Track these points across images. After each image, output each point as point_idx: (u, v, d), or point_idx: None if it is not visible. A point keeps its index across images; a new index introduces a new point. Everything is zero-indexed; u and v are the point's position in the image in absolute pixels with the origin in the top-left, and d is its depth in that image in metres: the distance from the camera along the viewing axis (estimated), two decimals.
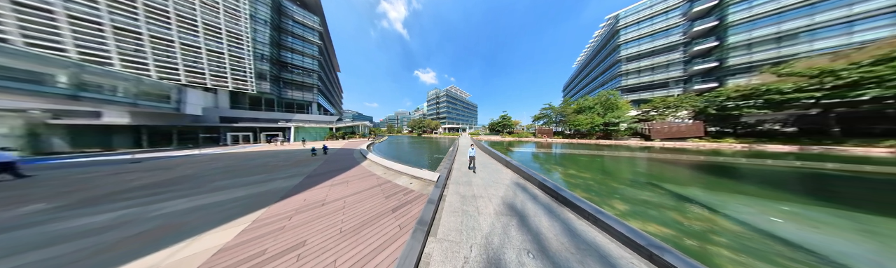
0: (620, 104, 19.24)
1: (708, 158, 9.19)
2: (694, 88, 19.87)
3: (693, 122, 16.20)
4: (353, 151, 11.76)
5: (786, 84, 11.87)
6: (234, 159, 8.79)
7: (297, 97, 24.55)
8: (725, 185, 5.22)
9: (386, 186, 4.28)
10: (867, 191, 4.80)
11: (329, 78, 33.53)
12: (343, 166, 6.92)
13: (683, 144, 15.49)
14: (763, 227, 3.00)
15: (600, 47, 29.78)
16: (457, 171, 5.87)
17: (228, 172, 6.00)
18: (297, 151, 12.32)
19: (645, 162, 8.86)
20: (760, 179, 5.75)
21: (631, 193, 4.76)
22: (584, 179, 6.33)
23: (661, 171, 6.96)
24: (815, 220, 3.31)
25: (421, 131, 52.40)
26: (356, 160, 8.14)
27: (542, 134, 24.25)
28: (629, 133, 18.75)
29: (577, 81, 38.92)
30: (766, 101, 12.64)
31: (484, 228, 2.37)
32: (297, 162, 7.95)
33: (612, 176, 6.49)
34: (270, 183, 4.55)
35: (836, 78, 10.46)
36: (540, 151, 14.92)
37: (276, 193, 3.82)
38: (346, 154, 10.27)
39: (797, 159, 8.68)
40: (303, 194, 3.72)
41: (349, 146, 14.97)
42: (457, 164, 7.01)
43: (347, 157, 9.25)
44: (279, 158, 9.29)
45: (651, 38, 22.71)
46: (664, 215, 3.56)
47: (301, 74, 24.76)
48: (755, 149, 12.54)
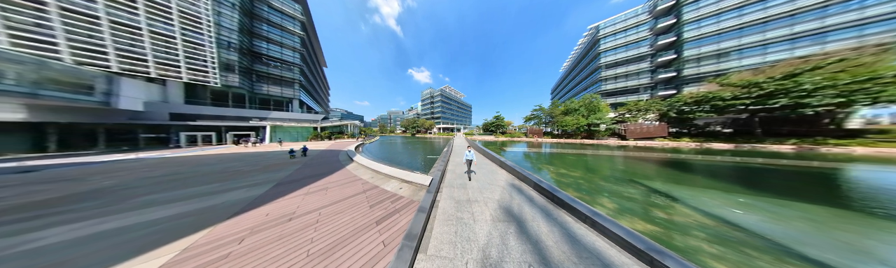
0: (601, 107, 20.60)
1: (673, 156, 10.14)
2: (659, 94, 22.23)
3: (659, 123, 18.04)
4: (339, 152, 10.28)
5: (725, 92, 13.82)
6: (183, 165, 6.91)
7: (274, 93, 21.36)
8: (691, 180, 5.74)
9: (372, 192, 3.73)
10: (788, 181, 5.59)
11: (314, 73, 30.15)
12: (324, 171, 5.99)
13: (652, 143, 17.05)
14: (730, 218, 3.27)
15: (583, 54, 31.79)
16: (451, 173, 5.45)
17: (169, 181, 4.67)
18: (271, 153, 10.34)
19: (624, 160, 9.25)
20: (716, 174, 6.51)
21: (616, 191, 4.89)
22: (574, 178, 6.33)
23: (639, 168, 7.44)
24: (765, 209, 3.67)
25: (415, 131, 50.54)
26: (341, 163, 7.19)
27: (533, 134, 24.91)
28: (608, 133, 20.23)
29: (563, 84, 41.00)
30: (711, 106, 14.59)
31: (480, 238, 2.15)
32: (267, 167, 6.66)
33: (599, 174, 6.74)
34: (224, 195, 3.65)
35: (759, 89, 12.53)
36: (532, 150, 14.89)
37: (230, 207, 3.07)
38: (330, 156, 8.95)
39: (734, 155, 10.12)
40: (266, 207, 3.04)
41: (335, 147, 13.24)
42: (451, 165, 6.56)
43: (331, 159, 8.12)
44: (246, 162, 7.59)
45: (625, 49, 24.75)
46: (646, 210, 3.75)
47: (280, 67, 21.61)
48: (704, 147, 14.55)
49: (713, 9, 19.87)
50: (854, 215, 3.52)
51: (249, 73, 19.58)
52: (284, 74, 21.74)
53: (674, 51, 21.71)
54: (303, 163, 7.36)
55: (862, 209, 3.72)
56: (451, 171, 5.70)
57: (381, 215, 2.69)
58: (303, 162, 7.54)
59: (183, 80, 14.48)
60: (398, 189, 3.90)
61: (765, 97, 12.45)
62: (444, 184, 4.25)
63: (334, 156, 9.14)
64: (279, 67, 21.58)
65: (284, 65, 21.85)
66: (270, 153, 10.31)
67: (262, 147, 14.04)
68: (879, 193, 4.61)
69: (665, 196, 4.34)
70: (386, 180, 4.62)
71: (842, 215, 3.49)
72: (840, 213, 3.58)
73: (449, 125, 57.81)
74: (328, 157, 8.86)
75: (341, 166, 6.57)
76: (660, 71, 22.52)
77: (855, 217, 3.46)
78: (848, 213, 3.60)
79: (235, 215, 2.76)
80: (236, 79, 17.40)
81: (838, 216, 3.47)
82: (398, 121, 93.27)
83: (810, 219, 3.33)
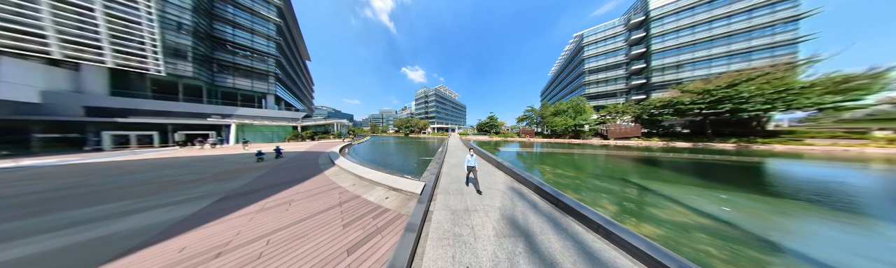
0: (586, 109, 21.45)
1: (650, 154, 10.55)
2: (632, 99, 23.97)
3: (634, 124, 19.39)
4: (321, 154, 8.40)
5: (686, 98, 15.43)
6: (91, 175, 4.91)
7: (243, 86, 17.83)
8: (673, 177, 5.78)
9: (350, 205, 2.93)
10: (744, 176, 5.91)
11: (294, 66, 26.35)
12: (294, 177, 4.73)
13: (629, 143, 18.04)
14: (719, 215, 3.19)
15: (569, 60, 33.03)
16: (446, 176, 4.79)
17: (51, 200, 3.13)
18: (232, 156, 7.99)
19: (611, 159, 9.20)
20: (683, 169, 6.87)
21: (613, 191, 4.70)
22: (570, 178, 5.96)
23: (625, 166, 7.45)
24: (740, 204, 3.68)
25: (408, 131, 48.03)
26: (319, 167, 5.87)
27: (525, 134, 24.95)
28: (592, 133, 21.19)
29: (552, 87, 41.97)
30: (675, 110, 16.10)
31: (485, 263, 1.69)
32: (219, 174, 5.02)
33: (592, 173, 6.60)
34: (130, 218, 2.50)
35: (710, 95, 14.17)
36: (527, 150, 14.35)
37: (127, 238, 2.04)
38: (308, 159, 7.26)
39: (695, 153, 11.02)
40: (186, 237, 2.07)
41: (317, 149, 11.07)
42: (446, 166, 5.85)
43: (308, 163, 6.66)
44: (192, 168, 5.59)
45: (605, 56, 26.07)
46: (644, 210, 3.59)
47: (251, 57, 18.14)
48: (670, 145, 15.98)
49: (673, 26, 22.06)
50: (782, 201, 3.82)
51: (209, 61, 15.98)
52: (256, 65, 18.33)
53: (643, 60, 23.61)
54: (270, 168, 5.80)
55: (790, 196, 4.12)
56: (447, 173, 4.99)
57: (357, 239, 2.03)
58: (271, 167, 5.97)
59: (107, 65, 10.90)
60: (383, 199, 3.15)
61: (715, 103, 14.12)
62: (439, 190, 3.64)
63: (313, 159, 7.51)
64: (249, 58, 18.10)
65: (256, 55, 18.42)
66: (231, 157, 7.96)
67: (223, 149, 11.25)
68: (801, 182, 5.23)
69: (658, 195, 4.23)
70: (370, 188, 3.75)
71: (768, 201, 3.80)
72: (767, 199, 3.89)
73: (443, 125, 56.14)
74: (305, 160, 7.30)
75: (318, 171, 5.27)
76: (633, 78, 24.31)
77: (782, 203, 3.73)
78: (776, 199, 3.92)
79: (128, 252, 1.79)
80: (190, 68, 13.93)
81: (763, 202, 3.73)
82: (391, 120, 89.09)
83: (784, 212, 3.35)
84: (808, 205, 3.60)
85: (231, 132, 15.25)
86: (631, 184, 5.10)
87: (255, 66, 18.20)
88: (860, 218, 3.15)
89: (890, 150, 10.71)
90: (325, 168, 5.62)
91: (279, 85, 20.85)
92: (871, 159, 8.59)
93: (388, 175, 4.36)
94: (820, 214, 3.26)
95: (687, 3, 21.34)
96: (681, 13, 21.75)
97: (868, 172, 6.42)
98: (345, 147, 13.29)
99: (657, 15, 22.48)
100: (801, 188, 4.57)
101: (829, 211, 3.33)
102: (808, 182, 5.12)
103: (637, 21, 23.73)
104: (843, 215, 3.21)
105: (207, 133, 14.81)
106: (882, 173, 6.19)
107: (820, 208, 3.44)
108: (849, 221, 3.03)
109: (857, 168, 6.79)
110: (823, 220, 3.07)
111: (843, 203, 3.65)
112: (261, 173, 5.02)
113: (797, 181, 5.20)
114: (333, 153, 8.29)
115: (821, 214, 3.25)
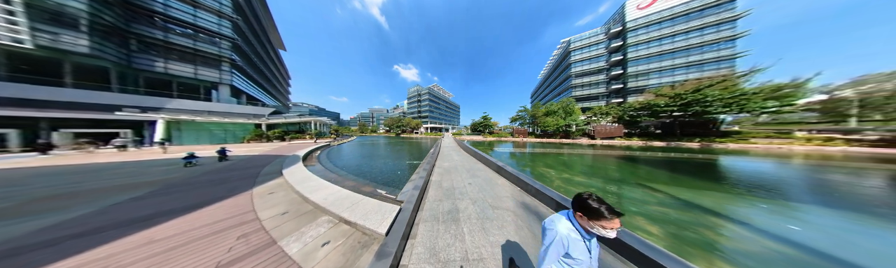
0: (575, 110, 21.84)
1: (640, 153, 10.48)
2: (612, 102, 25.44)
3: (617, 125, 20.22)
4: (277, 160, 6.07)
5: (661, 101, 16.41)
6: None
7: (182, 73, 13.49)
8: (684, 180, 5.38)
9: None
10: (720, 174, 5.96)
11: (262, 55, 21.70)
12: (194, 201, 2.77)
13: (613, 142, 18.66)
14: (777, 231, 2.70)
15: (558, 63, 33.70)
16: (436, 188, 3.47)
17: None
18: (136, 164, 5.15)
19: (610, 159, 8.53)
20: (679, 169, 6.52)
21: (639, 202, 3.83)
22: (584, 186, 4.86)
23: (629, 168, 6.77)
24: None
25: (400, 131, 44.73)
26: (254, 180, 3.91)
27: (518, 134, 24.37)
28: (580, 133, 21.63)
29: (541, 89, 41.96)
30: (652, 111, 17.08)
31: None
32: (57, 197, 2.91)
33: (602, 177, 5.70)
34: None
35: (681, 99, 15.26)
36: (522, 150, 13.14)
37: None
38: (252, 166, 5.24)
39: (675, 152, 11.34)
40: None
41: (279, 152, 8.33)
42: (438, 173, 4.60)
43: (246, 173, 4.60)
44: (30, 187, 3.26)
45: (589, 62, 26.96)
46: (702, 236, 2.75)
47: (193, 37, 13.90)
48: (649, 144, 16.85)
49: (645, 37, 23.88)
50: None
51: (122, 37, 11.63)
52: (202, 47, 14.18)
53: (621, 67, 25.18)
54: (170, 182, 3.66)
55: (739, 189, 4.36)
56: (437, 184, 3.72)
57: None
58: (180, 179, 3.88)
59: None
60: (318, 248, 1.61)
61: (685, 105, 15.17)
62: (424, 213, 2.32)
63: (261, 165, 5.37)
64: (192, 37, 13.91)
65: (202, 34, 14.26)
66: (130, 165, 5.13)
67: (134, 154, 7.71)
68: (753, 175, 5.70)
69: (700, 210, 3.48)
70: (305, 221, 2.12)
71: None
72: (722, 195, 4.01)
73: (437, 125, 53.42)
74: (248, 167, 5.23)
75: (246, 187, 3.42)
76: (612, 83, 25.77)
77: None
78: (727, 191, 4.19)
79: None
80: (84, 41, 9.70)
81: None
82: (382, 120, 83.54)
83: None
84: (746, 193, 4.07)
85: (156, 130, 11.22)
86: (652, 190, 4.31)
87: (200, 48, 14.04)
88: (781, 202, 3.67)
89: (810, 147, 12.39)
90: (263, 181, 3.77)
91: (238, 74, 16.68)
92: (797, 155, 10.25)
93: (350, 193, 2.75)
94: (753, 200, 3.71)
95: (656, 18, 23.24)
96: (651, 26, 23.60)
97: (793, 165, 7.58)
98: (318, 149, 10.59)
99: (632, 26, 24.09)
100: (744, 180, 5.10)
101: (761, 198, 3.81)
102: (752, 174, 5.79)
103: (615, 31, 25.16)
104: (771, 201, 3.69)
105: (117, 132, 10.60)
106: (802, 166, 7.37)
107: (755, 196, 3.92)
108: (772, 205, 3.49)
109: (785, 162, 7.96)
110: (754, 205, 3.49)
111: (772, 191, 4.22)
112: (148, 191, 3.05)
113: (744, 174, 5.88)
114: (294, 157, 6.07)
115: (754, 200, 3.71)
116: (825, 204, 3.65)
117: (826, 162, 8.02)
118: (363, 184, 4.56)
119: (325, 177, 4.20)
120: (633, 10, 24.23)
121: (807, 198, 3.99)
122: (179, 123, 12.25)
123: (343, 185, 3.74)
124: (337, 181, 4.22)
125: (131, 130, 10.89)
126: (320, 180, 3.41)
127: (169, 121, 11.66)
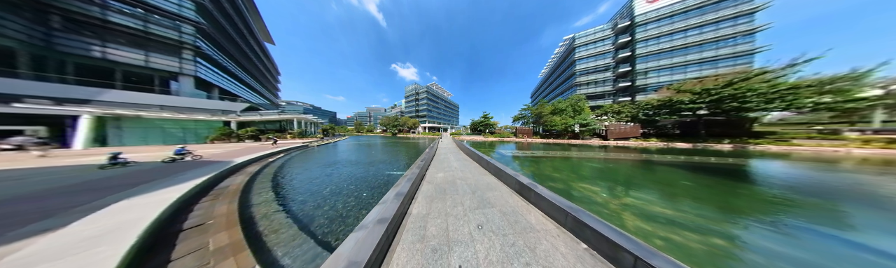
0: (585, 108, 19.53)
1: (673, 158, 8.35)
2: (618, 100, 23.44)
3: (633, 125, 17.67)
4: (195, 170, 3.75)
5: (684, 97, 14.29)
6: None
7: (129, 60, 10.98)
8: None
9: None
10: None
11: (241, 46, 19.13)
12: None
13: (628, 143, 16.36)
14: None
15: (561, 61, 31.06)
16: (413, 244, 1.53)
17: None
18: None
19: (652, 167, 6.43)
20: (747, 179, 4.73)
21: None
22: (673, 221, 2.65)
23: (694, 181, 4.62)
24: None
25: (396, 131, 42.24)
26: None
27: (522, 134, 21.93)
28: (591, 133, 19.37)
29: (542, 88, 39.91)
30: (674, 109, 14.90)
31: None
32: None
33: (679, 203, 3.46)
34: None
35: (709, 94, 13.19)
36: (534, 155, 10.98)
37: None
38: (117, 184, 2.55)
39: (693, 154, 9.33)
40: None
41: (228, 157, 6.14)
42: (424, 197, 2.67)
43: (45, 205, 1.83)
44: None
45: (595, 59, 24.98)
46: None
47: (144, 18, 11.40)
48: (670, 146, 14.53)
49: (654, 33, 21.95)
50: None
51: (40, 10, 9.12)
52: (155, 30, 11.67)
53: (629, 64, 23.21)
54: None
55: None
56: (416, 231, 1.73)
57: None
58: None
59: None
60: None
61: (715, 102, 13.04)
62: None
63: (131, 183, 2.90)
64: (141, 18, 11.41)
65: (156, 15, 11.76)
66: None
67: (20, 160, 5.25)
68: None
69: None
70: None
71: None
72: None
73: (435, 124, 50.91)
74: (104, 187, 2.83)
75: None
76: (619, 80, 23.79)
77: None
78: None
79: None
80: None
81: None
82: (379, 119, 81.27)
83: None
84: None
85: (79, 128, 8.70)
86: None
87: (152, 30, 11.55)
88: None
89: (874, 150, 10.29)
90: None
91: (205, 64, 14.18)
92: (854, 159, 8.19)
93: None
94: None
95: (667, 12, 21.35)
96: (661, 21, 21.69)
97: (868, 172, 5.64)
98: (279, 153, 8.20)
99: (641, 21, 22.16)
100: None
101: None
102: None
103: (623, 26, 23.24)
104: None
105: (21, 129, 8.06)
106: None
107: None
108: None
109: (859, 171, 6.00)
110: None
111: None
112: None
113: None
114: (219, 165, 4.19)
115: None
116: None
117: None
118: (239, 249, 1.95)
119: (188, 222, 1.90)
120: (643, 3, 22.30)
121: None
122: (119, 120, 9.72)
123: (188, 242, 1.48)
124: (186, 238, 1.90)
125: (43, 128, 8.33)
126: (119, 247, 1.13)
127: (100, 116, 9.12)
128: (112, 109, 9.60)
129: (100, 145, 9.28)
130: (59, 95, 8.96)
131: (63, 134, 8.84)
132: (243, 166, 5.40)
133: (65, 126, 8.83)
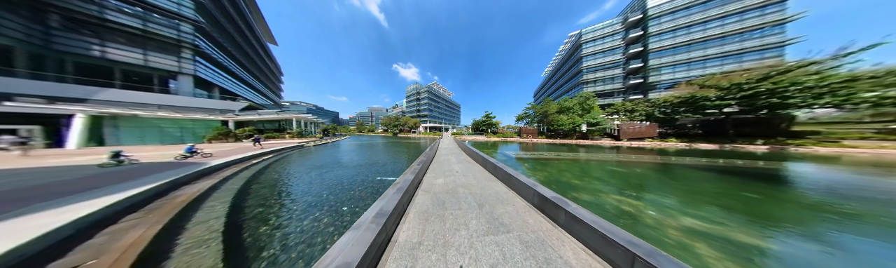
0: (595, 107, 18.19)
1: (710, 161, 7.16)
2: (629, 99, 21.86)
3: (649, 124, 16.14)
4: (170, 171, 3.21)
5: (710, 93, 12.76)
6: None
7: (129, 59, 10.90)
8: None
9: None
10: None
11: (243, 46, 19.15)
12: None
13: (643, 144, 14.92)
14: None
15: (566, 58, 29.49)
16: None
17: None
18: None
19: (696, 173, 5.24)
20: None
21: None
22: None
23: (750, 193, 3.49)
24: None
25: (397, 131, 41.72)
26: None
27: (527, 134, 20.66)
28: (601, 133, 18.07)
29: (546, 87, 38.57)
30: (698, 107, 13.30)
31: None
32: None
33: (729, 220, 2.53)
34: None
35: (740, 90, 11.71)
36: (544, 157, 9.94)
37: None
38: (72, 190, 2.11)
39: (720, 157, 8.14)
40: None
41: (210, 158, 5.70)
42: (418, 212, 2.04)
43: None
44: None
45: (603, 55, 23.57)
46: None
47: (143, 17, 11.30)
48: (693, 147, 13.08)
49: (669, 26, 20.35)
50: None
51: (39, 9, 9.05)
52: (154, 29, 11.56)
53: (641, 60, 21.71)
54: None
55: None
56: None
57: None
58: None
59: None
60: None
61: (748, 98, 11.52)
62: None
63: (83, 188, 2.29)
64: (141, 17, 11.32)
65: (155, 14, 11.65)
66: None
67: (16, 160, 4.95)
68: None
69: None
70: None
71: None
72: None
73: (436, 124, 50.29)
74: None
75: None
76: (630, 77, 22.31)
77: None
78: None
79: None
80: None
81: None
82: (381, 119, 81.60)
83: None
84: None
85: (73, 128, 8.52)
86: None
87: (152, 29, 11.43)
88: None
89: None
90: None
91: (205, 64, 14.06)
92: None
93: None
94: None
95: (683, 3, 19.73)
96: (677, 13, 20.09)
97: None
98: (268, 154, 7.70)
99: (654, 14, 20.62)
100: None
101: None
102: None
103: (635, 19, 21.75)
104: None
105: (14, 129, 7.93)
106: None
107: None
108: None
109: None
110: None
111: None
112: None
113: None
114: (194, 166, 3.67)
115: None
116: None
117: None
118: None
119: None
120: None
121: None
122: (116, 119, 9.54)
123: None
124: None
125: (38, 128, 8.18)
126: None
127: (96, 115, 8.94)
128: (107, 107, 9.43)
129: (96, 145, 9.11)
130: (56, 94, 8.85)
131: (58, 133, 8.69)
132: (218, 169, 4.85)
133: (60, 125, 8.67)
